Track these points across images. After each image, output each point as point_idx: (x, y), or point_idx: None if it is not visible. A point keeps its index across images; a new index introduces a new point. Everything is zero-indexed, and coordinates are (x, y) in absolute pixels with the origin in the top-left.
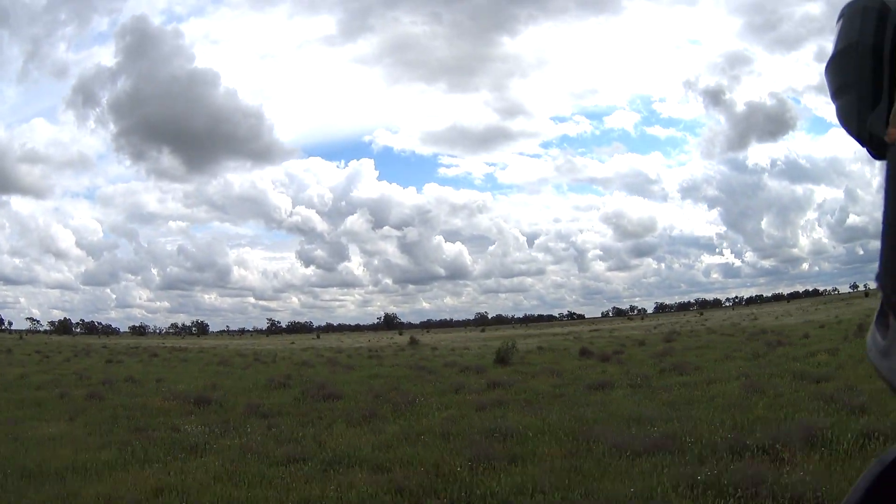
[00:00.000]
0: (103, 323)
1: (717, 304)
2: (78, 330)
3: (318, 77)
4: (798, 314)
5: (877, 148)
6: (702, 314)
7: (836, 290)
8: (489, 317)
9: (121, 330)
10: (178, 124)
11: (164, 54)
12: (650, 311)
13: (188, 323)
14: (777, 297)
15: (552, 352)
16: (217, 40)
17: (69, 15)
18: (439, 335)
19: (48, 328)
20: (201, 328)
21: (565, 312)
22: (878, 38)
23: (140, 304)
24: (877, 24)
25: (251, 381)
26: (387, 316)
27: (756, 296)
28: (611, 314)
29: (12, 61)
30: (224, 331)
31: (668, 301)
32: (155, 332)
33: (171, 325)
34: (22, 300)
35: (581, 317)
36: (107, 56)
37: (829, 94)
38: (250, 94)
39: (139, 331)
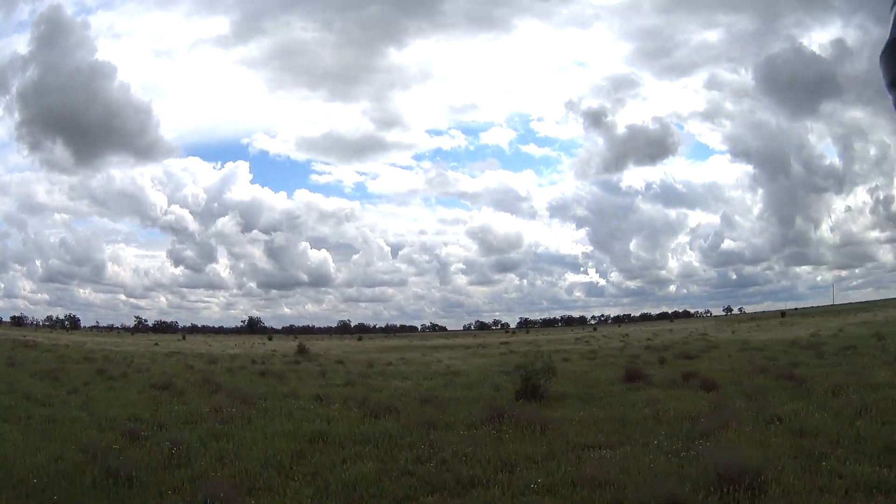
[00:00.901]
0: None
1: (582, 321)
2: None
3: (207, 77)
4: (756, 331)
5: None
6: (595, 329)
7: (708, 312)
8: (352, 325)
9: (3, 320)
10: (73, 116)
11: (70, 45)
12: (513, 325)
13: (62, 316)
14: (645, 317)
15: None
16: (119, 34)
17: None
18: (321, 342)
19: None
20: (73, 322)
21: (427, 324)
22: None
23: (24, 295)
24: None
25: (54, 440)
26: (251, 319)
27: (624, 315)
28: (473, 327)
29: None
30: (94, 326)
31: (530, 317)
32: (33, 324)
33: (47, 317)
34: None
35: (443, 329)
36: (23, 44)
37: (884, 84)
38: (142, 90)
39: (17, 321)
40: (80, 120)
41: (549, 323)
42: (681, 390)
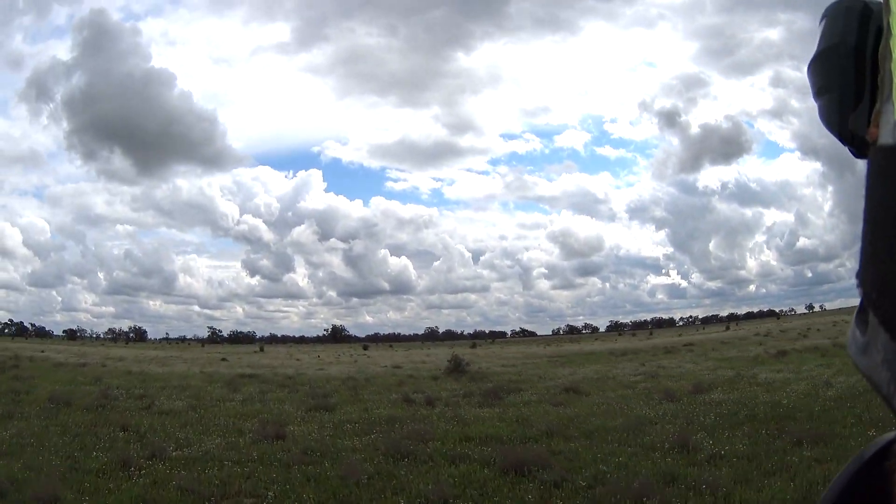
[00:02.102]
0: (36, 325)
1: (671, 323)
2: (6, 332)
3: (271, 85)
4: None
5: (858, 147)
6: (728, 328)
7: (792, 310)
8: (440, 332)
9: (54, 333)
10: (131, 125)
11: (120, 51)
12: (602, 329)
13: (126, 329)
14: (731, 317)
15: None
16: (174, 41)
17: (27, 4)
18: (461, 351)
19: None
20: (139, 335)
21: (517, 329)
22: (860, 39)
23: (85, 308)
24: (859, 25)
25: None
26: (334, 328)
27: (711, 315)
28: (562, 331)
29: None
30: (165, 338)
31: (617, 320)
32: (92, 336)
33: (109, 330)
34: None
35: (532, 334)
36: (63, 50)
37: (811, 93)
38: (204, 99)
39: (72, 335)
40: (140, 129)
41: (638, 325)
42: None
